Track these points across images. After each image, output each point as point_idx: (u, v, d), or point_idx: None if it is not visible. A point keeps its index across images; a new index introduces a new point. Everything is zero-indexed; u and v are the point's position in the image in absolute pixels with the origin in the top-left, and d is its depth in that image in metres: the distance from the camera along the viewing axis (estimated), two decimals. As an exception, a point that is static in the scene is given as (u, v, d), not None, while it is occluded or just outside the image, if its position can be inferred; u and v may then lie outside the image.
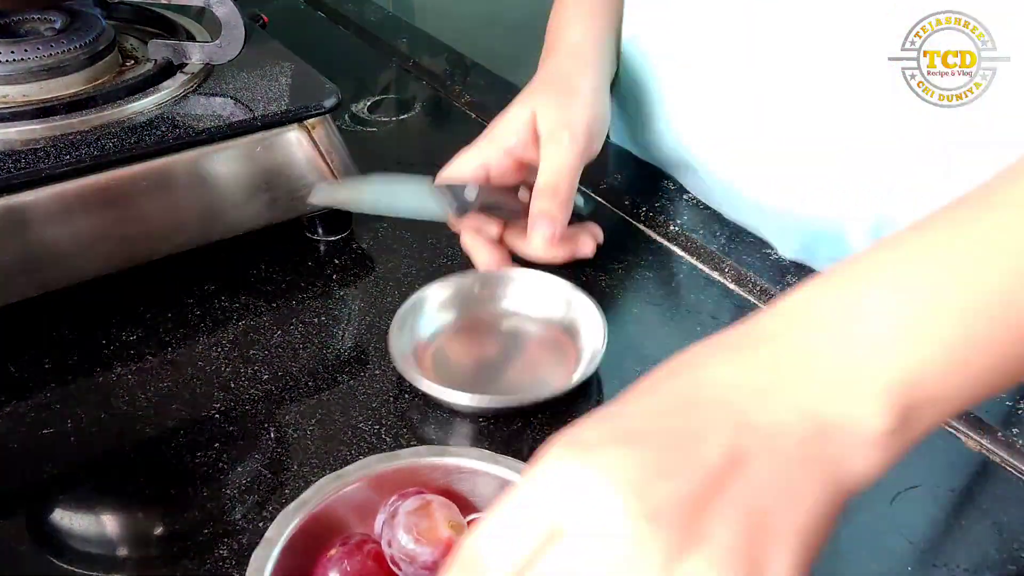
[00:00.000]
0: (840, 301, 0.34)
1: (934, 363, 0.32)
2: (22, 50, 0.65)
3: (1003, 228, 0.33)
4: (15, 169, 0.59)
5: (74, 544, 0.49)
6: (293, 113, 0.67)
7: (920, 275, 0.33)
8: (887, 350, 0.32)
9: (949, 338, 0.32)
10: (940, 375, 0.32)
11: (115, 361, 0.60)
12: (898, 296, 0.33)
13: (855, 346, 0.32)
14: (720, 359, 0.34)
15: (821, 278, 0.35)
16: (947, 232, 0.34)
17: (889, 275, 0.33)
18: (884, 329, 0.32)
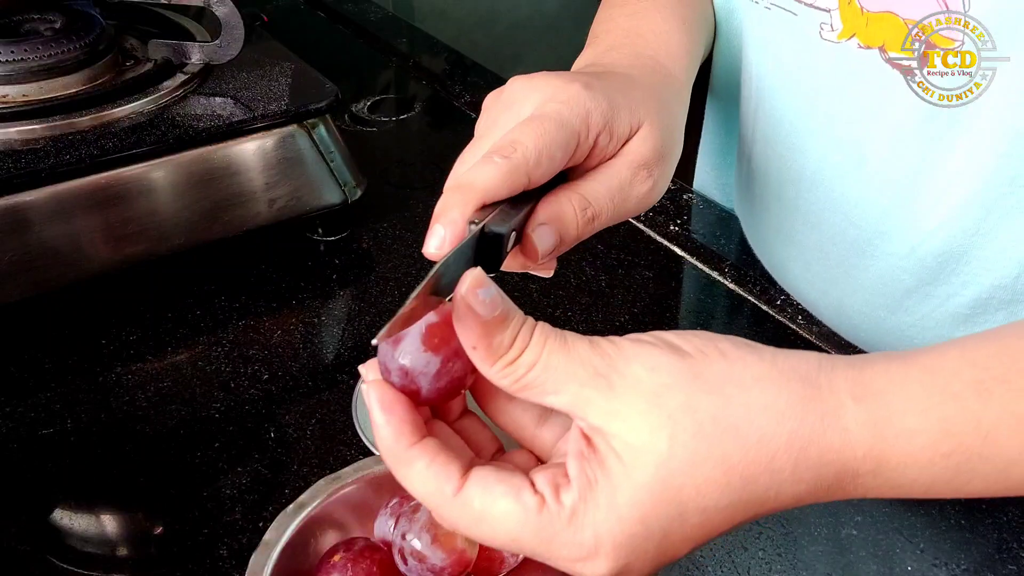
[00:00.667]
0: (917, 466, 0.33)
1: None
2: (22, 50, 0.65)
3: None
4: (15, 169, 0.59)
5: (74, 544, 0.49)
6: (293, 113, 0.67)
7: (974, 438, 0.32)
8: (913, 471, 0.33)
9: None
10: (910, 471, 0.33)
11: (115, 361, 0.60)
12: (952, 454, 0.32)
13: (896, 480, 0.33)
14: (793, 496, 0.33)
15: (906, 441, 0.33)
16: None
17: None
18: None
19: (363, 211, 0.73)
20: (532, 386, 0.32)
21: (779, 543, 0.48)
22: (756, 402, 0.32)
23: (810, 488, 0.32)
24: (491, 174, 0.37)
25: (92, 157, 0.61)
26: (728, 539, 0.48)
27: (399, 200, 0.77)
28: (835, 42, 0.52)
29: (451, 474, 0.32)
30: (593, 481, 0.31)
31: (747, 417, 0.32)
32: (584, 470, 0.32)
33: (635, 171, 0.43)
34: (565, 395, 0.32)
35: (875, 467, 0.32)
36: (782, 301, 0.65)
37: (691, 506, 0.31)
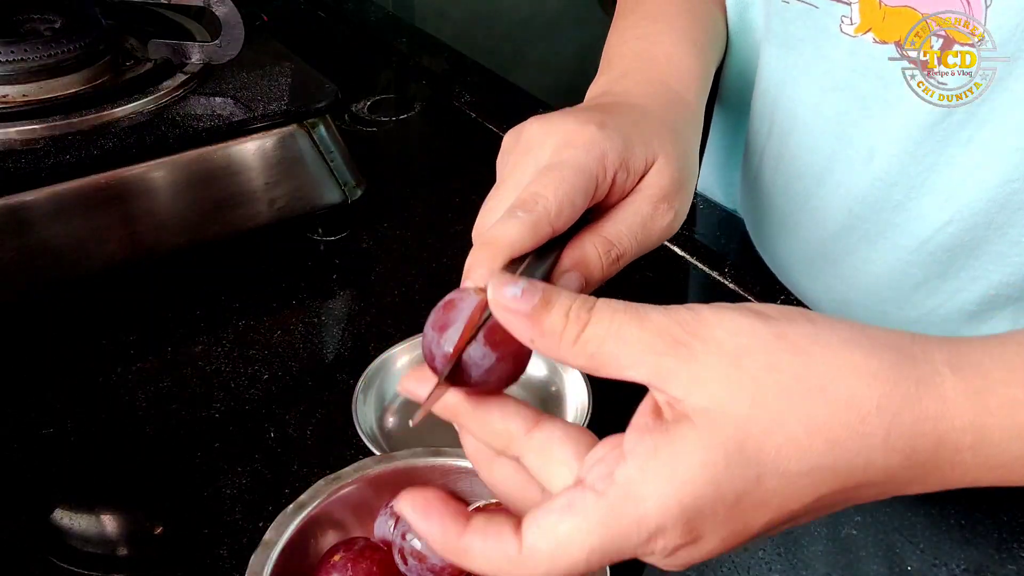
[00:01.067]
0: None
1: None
2: (22, 50, 0.65)
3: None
4: (15, 169, 0.59)
5: (74, 544, 0.49)
6: (293, 113, 0.67)
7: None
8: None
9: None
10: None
11: (115, 361, 0.60)
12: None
13: (995, 471, 0.32)
14: (889, 477, 0.31)
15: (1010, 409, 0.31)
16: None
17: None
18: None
19: (363, 211, 0.73)
20: (608, 361, 0.31)
21: (779, 543, 0.48)
22: (845, 363, 0.30)
23: (904, 461, 0.30)
24: (516, 229, 0.38)
25: (92, 157, 0.61)
26: (728, 539, 0.48)
27: (399, 200, 0.77)
28: (852, 36, 0.52)
29: (505, 536, 0.31)
30: (653, 450, 0.30)
31: (834, 377, 0.30)
32: (643, 441, 0.30)
33: (655, 205, 0.43)
34: (644, 367, 0.31)
35: (976, 440, 0.30)
36: (782, 301, 0.65)
37: (769, 467, 0.30)
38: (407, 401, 0.56)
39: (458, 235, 0.72)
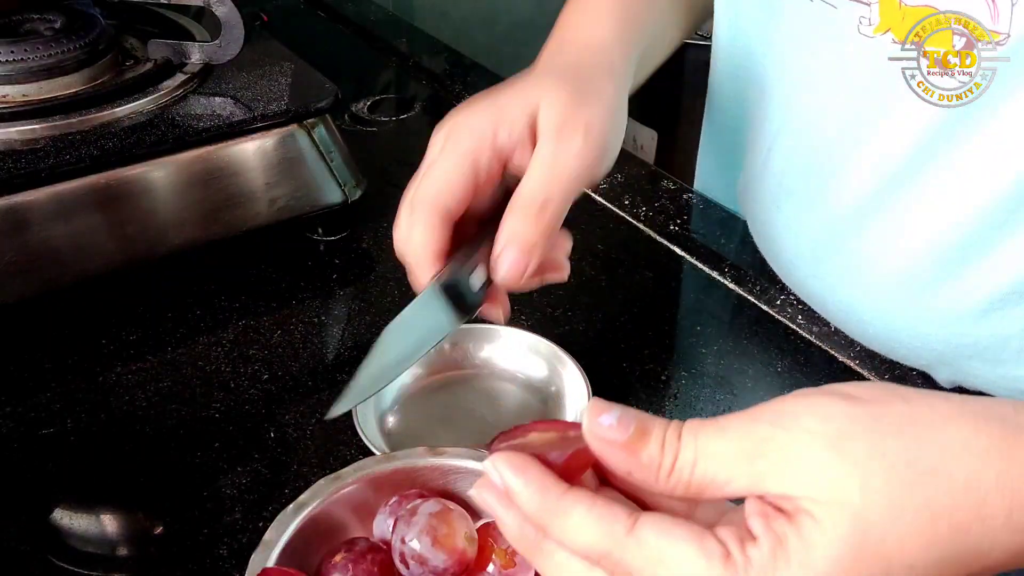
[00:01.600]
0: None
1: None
2: (22, 50, 0.65)
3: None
4: (15, 169, 0.59)
5: (74, 544, 0.49)
6: (293, 113, 0.67)
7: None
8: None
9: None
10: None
11: (115, 361, 0.60)
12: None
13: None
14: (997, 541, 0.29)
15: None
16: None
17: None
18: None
19: (363, 211, 0.73)
20: (704, 484, 0.29)
21: (779, 543, 0.48)
22: (953, 441, 0.29)
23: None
24: (418, 238, 0.44)
25: (92, 157, 0.61)
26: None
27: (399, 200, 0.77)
28: (870, 36, 0.52)
29: (618, 514, 0.29)
30: (783, 537, 0.28)
31: (945, 458, 0.29)
32: (771, 527, 0.29)
33: (554, 139, 0.44)
34: (740, 479, 0.29)
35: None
36: (782, 301, 0.65)
37: (896, 560, 0.28)
38: (407, 401, 0.57)
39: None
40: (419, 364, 0.58)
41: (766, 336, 0.63)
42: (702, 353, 0.61)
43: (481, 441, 0.53)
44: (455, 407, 0.56)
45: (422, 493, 0.44)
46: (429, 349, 0.45)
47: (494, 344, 0.59)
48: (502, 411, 0.56)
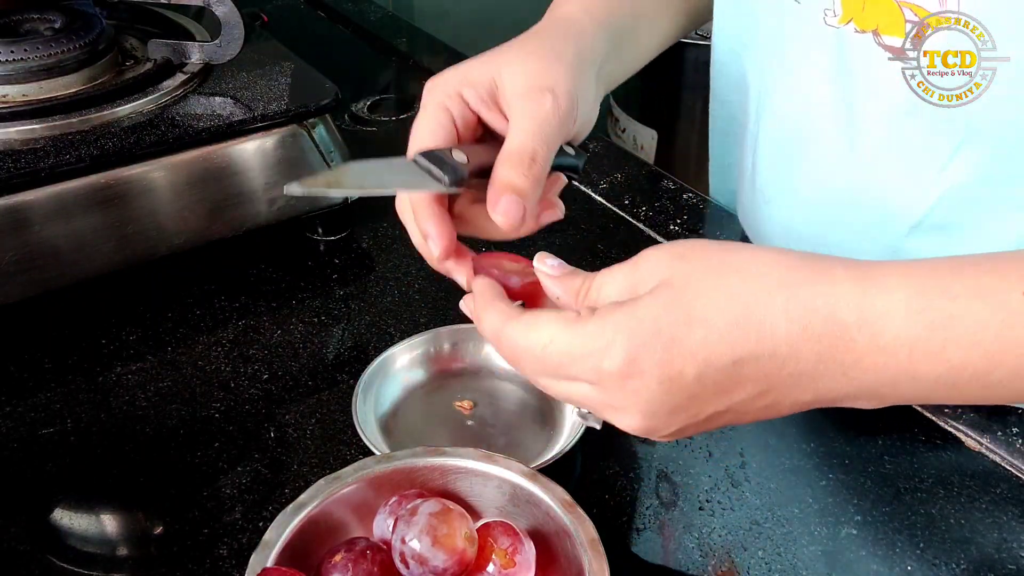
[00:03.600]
0: (912, 340, 0.37)
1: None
2: (22, 50, 0.65)
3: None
4: (15, 169, 0.59)
5: (74, 544, 0.49)
6: (293, 112, 0.67)
7: (986, 349, 0.37)
8: (916, 386, 0.38)
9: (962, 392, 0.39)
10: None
11: (115, 361, 0.60)
12: (955, 359, 0.37)
13: (894, 378, 0.38)
14: (788, 332, 0.38)
15: (918, 299, 0.38)
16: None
17: (965, 336, 0.37)
18: (927, 374, 0.38)
19: (363, 211, 0.73)
20: (602, 300, 0.42)
21: (779, 543, 0.48)
22: (759, 254, 0.40)
23: (802, 333, 0.37)
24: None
25: (92, 157, 0.61)
26: (728, 538, 0.48)
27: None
28: (836, 27, 0.53)
29: (512, 312, 0.42)
30: (620, 302, 0.40)
31: (749, 261, 0.39)
32: (616, 276, 0.42)
33: (526, 98, 0.48)
34: (624, 295, 0.41)
35: (859, 318, 0.37)
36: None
37: (697, 318, 0.38)
38: (407, 401, 0.56)
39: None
40: (419, 364, 0.58)
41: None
42: (702, 353, 0.61)
43: (481, 441, 0.53)
44: (455, 407, 0.56)
45: (422, 493, 0.45)
46: (411, 190, 0.49)
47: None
48: (502, 411, 0.56)
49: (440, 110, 0.50)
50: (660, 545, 0.49)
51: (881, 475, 0.52)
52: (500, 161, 0.47)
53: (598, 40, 0.56)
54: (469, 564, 0.42)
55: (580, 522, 0.42)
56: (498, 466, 0.45)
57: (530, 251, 0.46)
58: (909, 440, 0.54)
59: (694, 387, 0.38)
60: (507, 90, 0.49)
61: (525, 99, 0.48)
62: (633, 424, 0.40)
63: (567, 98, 0.49)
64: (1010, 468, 0.52)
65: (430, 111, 0.50)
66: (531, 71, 0.49)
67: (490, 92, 0.49)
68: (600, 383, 0.39)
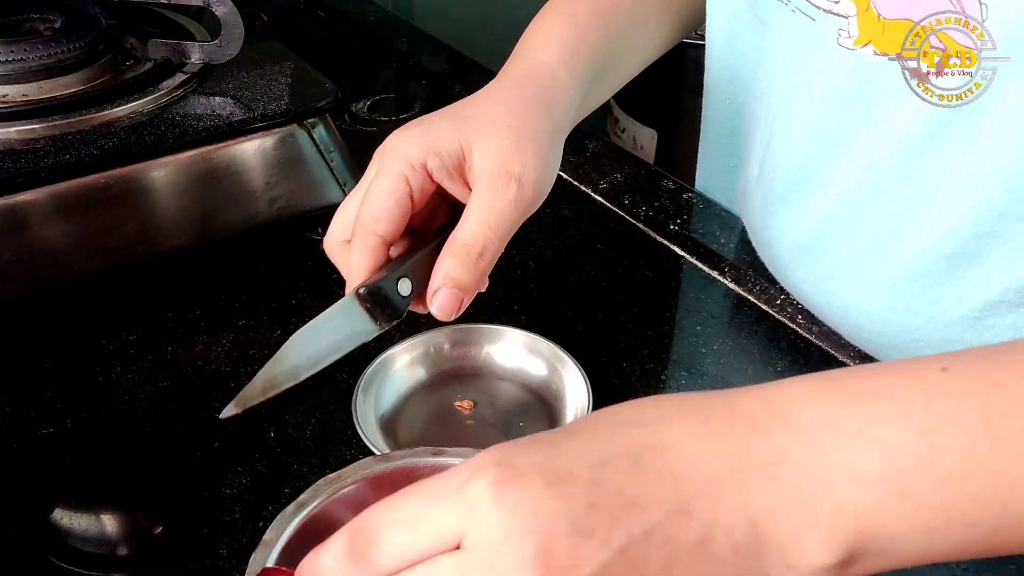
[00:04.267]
0: (831, 418, 0.32)
1: (900, 519, 0.30)
2: (22, 50, 0.65)
3: (1007, 399, 0.31)
4: (15, 169, 0.59)
5: (74, 544, 0.49)
6: (293, 112, 0.67)
7: (920, 424, 0.31)
8: (858, 489, 0.31)
9: (924, 501, 0.30)
10: (903, 533, 0.31)
11: (115, 361, 0.60)
12: (890, 439, 0.31)
13: (827, 471, 0.31)
14: (687, 427, 0.32)
15: (825, 381, 0.33)
16: (960, 384, 0.32)
17: (891, 410, 0.31)
18: (864, 465, 0.31)
19: (363, 211, 0.72)
20: None
21: (779, 543, 0.48)
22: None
23: (702, 425, 0.32)
24: (354, 259, 0.47)
25: (92, 157, 0.61)
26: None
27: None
28: (851, 48, 0.52)
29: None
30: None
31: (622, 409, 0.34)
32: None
33: (491, 183, 0.46)
34: None
35: (762, 402, 0.33)
36: (782, 300, 0.65)
37: (572, 428, 0.33)
38: (407, 401, 0.57)
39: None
40: (419, 364, 0.58)
41: (766, 336, 0.63)
42: (702, 353, 0.61)
43: (481, 441, 0.53)
44: (455, 407, 0.56)
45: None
46: (345, 352, 0.47)
47: (494, 344, 0.59)
48: (502, 411, 0.56)
49: (398, 180, 0.47)
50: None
51: (881, 475, 0.52)
52: (448, 250, 0.46)
53: (575, 97, 0.55)
54: None
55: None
56: (498, 466, 0.45)
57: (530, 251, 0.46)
58: (909, 440, 0.54)
59: (591, 490, 0.30)
60: (475, 166, 0.47)
61: (490, 184, 0.46)
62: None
63: (532, 188, 0.47)
64: (1010, 468, 0.52)
65: (388, 180, 0.47)
66: (503, 151, 0.47)
67: (457, 164, 0.47)
68: (468, 549, 0.30)
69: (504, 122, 0.48)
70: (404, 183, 0.47)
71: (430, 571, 0.30)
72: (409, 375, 0.57)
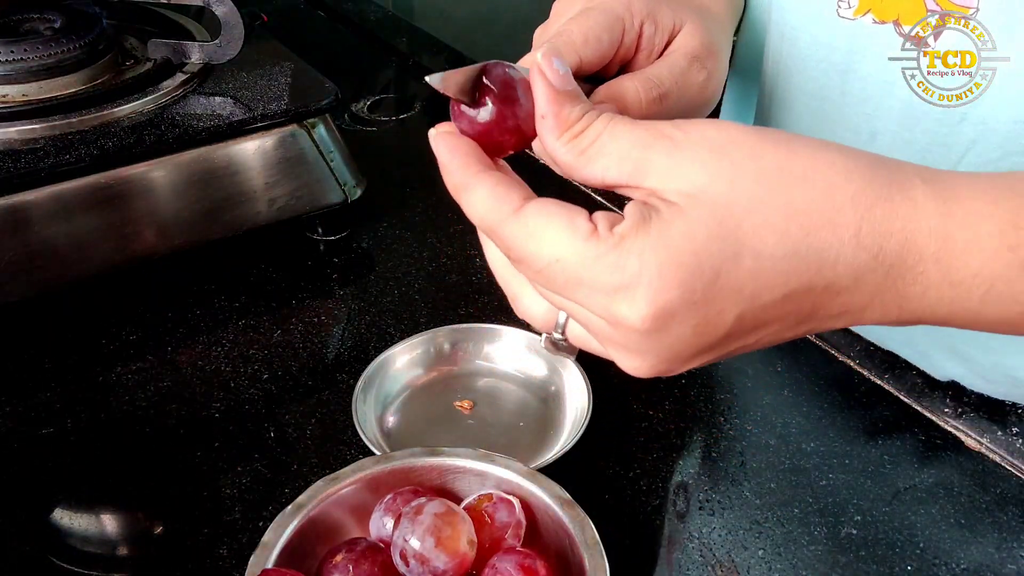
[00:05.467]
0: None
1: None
2: (22, 50, 0.65)
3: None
4: (15, 169, 0.59)
5: (74, 544, 0.49)
6: (293, 112, 0.67)
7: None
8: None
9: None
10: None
11: (115, 361, 0.60)
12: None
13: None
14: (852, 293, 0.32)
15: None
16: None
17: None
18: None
19: (363, 211, 0.73)
20: (594, 156, 0.32)
21: (779, 543, 0.48)
22: (824, 158, 0.31)
23: (871, 261, 0.31)
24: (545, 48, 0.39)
25: (92, 157, 0.61)
26: (728, 538, 0.48)
27: (399, 200, 0.77)
28: (851, 19, 0.52)
29: (512, 197, 0.32)
30: (647, 218, 0.31)
31: (814, 168, 0.31)
32: (639, 210, 0.31)
33: (689, 61, 0.43)
34: (627, 163, 0.32)
35: (939, 249, 0.31)
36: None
37: (747, 245, 0.30)
38: (407, 401, 0.57)
39: (458, 234, 0.72)
40: (419, 364, 0.58)
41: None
42: (702, 353, 0.61)
43: (481, 441, 0.53)
44: (455, 407, 0.56)
45: (417, 489, 0.45)
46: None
47: (494, 344, 0.59)
48: (502, 411, 0.56)
49: (615, 19, 0.41)
50: (660, 545, 0.49)
51: (881, 475, 0.52)
52: (631, 76, 0.41)
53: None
54: (469, 567, 0.42)
55: (580, 522, 0.42)
56: (497, 466, 0.45)
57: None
58: (909, 440, 0.54)
59: (731, 327, 0.31)
60: (678, 44, 0.43)
61: (689, 62, 0.43)
62: (644, 368, 0.33)
63: (713, 88, 0.45)
64: (1010, 468, 0.52)
65: (605, 16, 0.41)
66: (706, 43, 0.44)
67: (666, 39, 0.43)
68: (617, 325, 0.32)
69: (708, 20, 0.46)
70: (620, 24, 0.42)
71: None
72: (409, 375, 0.57)
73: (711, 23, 0.46)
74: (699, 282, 0.30)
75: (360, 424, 0.52)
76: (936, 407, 0.56)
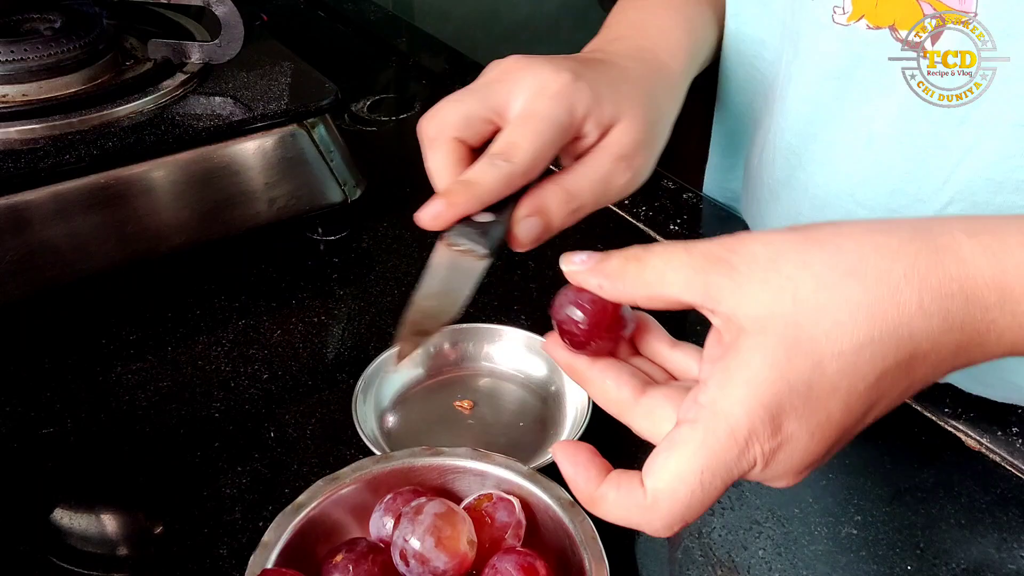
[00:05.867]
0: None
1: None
2: (22, 50, 0.65)
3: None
4: (15, 169, 0.59)
5: (74, 544, 0.49)
6: (293, 112, 0.67)
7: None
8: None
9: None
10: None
11: (115, 361, 0.60)
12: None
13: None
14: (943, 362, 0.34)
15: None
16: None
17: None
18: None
19: (363, 211, 0.73)
20: (664, 288, 0.35)
21: (779, 543, 0.48)
22: (867, 245, 0.33)
23: (942, 324, 0.33)
24: (493, 178, 0.42)
25: (92, 157, 0.61)
26: (728, 538, 0.48)
27: (399, 200, 0.77)
28: (844, 25, 0.53)
29: (635, 487, 0.34)
30: (724, 369, 0.33)
31: (862, 259, 0.33)
32: (715, 365, 0.34)
33: (615, 162, 0.46)
34: (694, 287, 0.34)
35: (1000, 298, 0.33)
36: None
37: (826, 352, 0.32)
38: (407, 401, 0.57)
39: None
40: (419, 364, 0.58)
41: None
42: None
43: (481, 441, 0.53)
44: (455, 407, 0.56)
45: (417, 489, 0.45)
46: (468, 293, 0.45)
47: (494, 344, 0.59)
48: (502, 411, 0.56)
49: (558, 131, 0.44)
50: (660, 545, 0.49)
51: (881, 475, 0.52)
52: (553, 188, 0.44)
53: (692, 65, 0.57)
54: (469, 567, 0.42)
55: (580, 522, 0.42)
56: (497, 466, 0.45)
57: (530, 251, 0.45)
58: (909, 440, 0.54)
59: (843, 421, 0.34)
60: (611, 139, 0.46)
61: (614, 162, 0.46)
62: (790, 482, 0.35)
63: (642, 177, 0.48)
64: (1010, 468, 0.52)
65: (546, 125, 0.44)
66: (638, 141, 0.46)
67: (605, 131, 0.46)
68: (750, 474, 0.34)
69: (651, 109, 0.48)
70: (563, 137, 0.44)
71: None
72: (409, 375, 0.57)
73: (651, 108, 0.48)
74: (797, 399, 0.32)
75: (360, 424, 0.52)
76: (936, 407, 0.56)
